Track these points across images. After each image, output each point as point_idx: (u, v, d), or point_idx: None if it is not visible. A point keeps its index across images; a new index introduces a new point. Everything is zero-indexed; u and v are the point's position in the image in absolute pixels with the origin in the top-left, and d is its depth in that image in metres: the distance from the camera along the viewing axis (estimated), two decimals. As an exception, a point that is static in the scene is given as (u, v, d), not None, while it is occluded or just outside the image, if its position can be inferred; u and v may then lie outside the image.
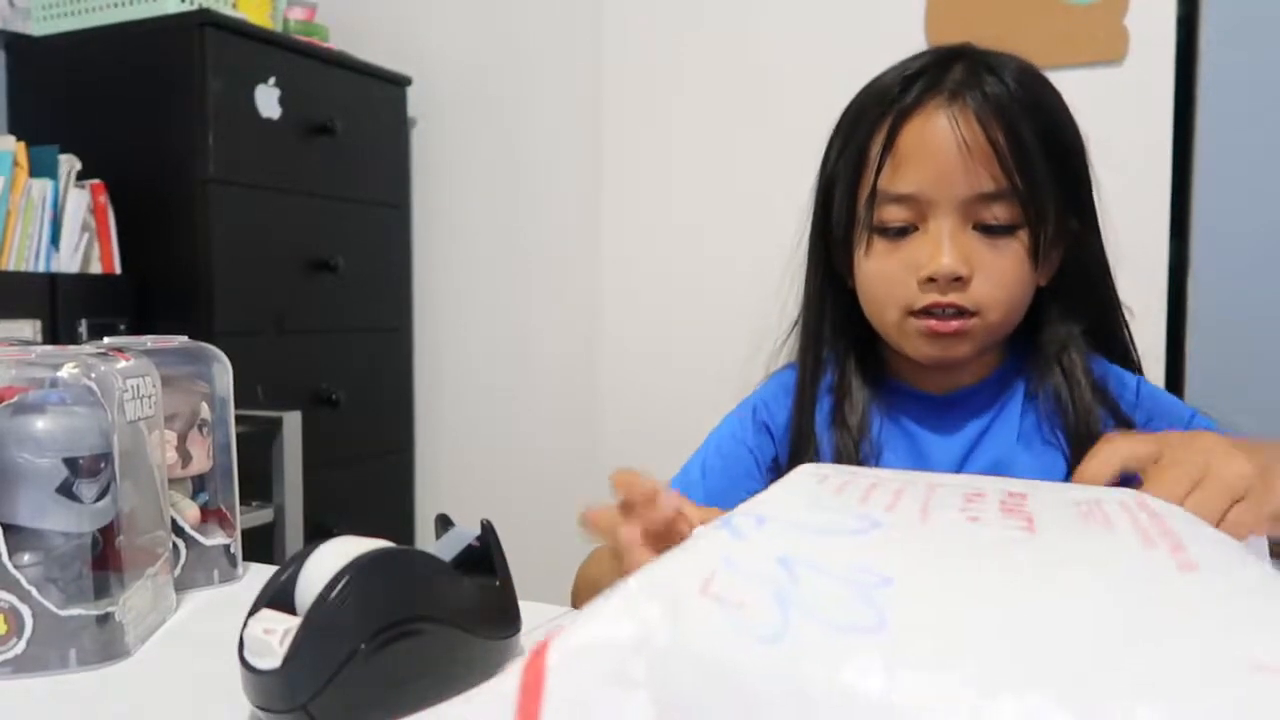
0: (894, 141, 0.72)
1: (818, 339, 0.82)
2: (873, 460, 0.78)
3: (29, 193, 1.60)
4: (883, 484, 0.37)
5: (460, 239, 2.16)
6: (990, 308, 0.72)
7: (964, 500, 0.35)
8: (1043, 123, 0.72)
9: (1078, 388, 0.76)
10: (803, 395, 0.81)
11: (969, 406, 0.79)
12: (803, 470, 0.40)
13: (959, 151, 0.70)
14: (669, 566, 0.28)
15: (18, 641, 0.51)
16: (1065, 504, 0.36)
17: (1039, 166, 0.71)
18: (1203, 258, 1.52)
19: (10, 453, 0.52)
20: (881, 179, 0.73)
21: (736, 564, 0.27)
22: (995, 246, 0.71)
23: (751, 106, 1.82)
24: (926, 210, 0.72)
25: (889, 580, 0.26)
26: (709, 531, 0.30)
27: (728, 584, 0.26)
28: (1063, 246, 0.76)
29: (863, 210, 0.75)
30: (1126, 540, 0.31)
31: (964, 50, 0.75)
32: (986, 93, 0.70)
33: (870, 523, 0.31)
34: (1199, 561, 0.28)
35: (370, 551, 0.46)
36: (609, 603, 0.26)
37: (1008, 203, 0.71)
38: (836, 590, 0.25)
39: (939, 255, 0.70)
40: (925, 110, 0.71)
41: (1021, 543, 0.30)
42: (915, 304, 0.72)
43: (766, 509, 0.32)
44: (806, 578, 0.26)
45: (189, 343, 0.70)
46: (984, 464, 0.78)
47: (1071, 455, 0.75)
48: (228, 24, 1.73)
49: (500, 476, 2.13)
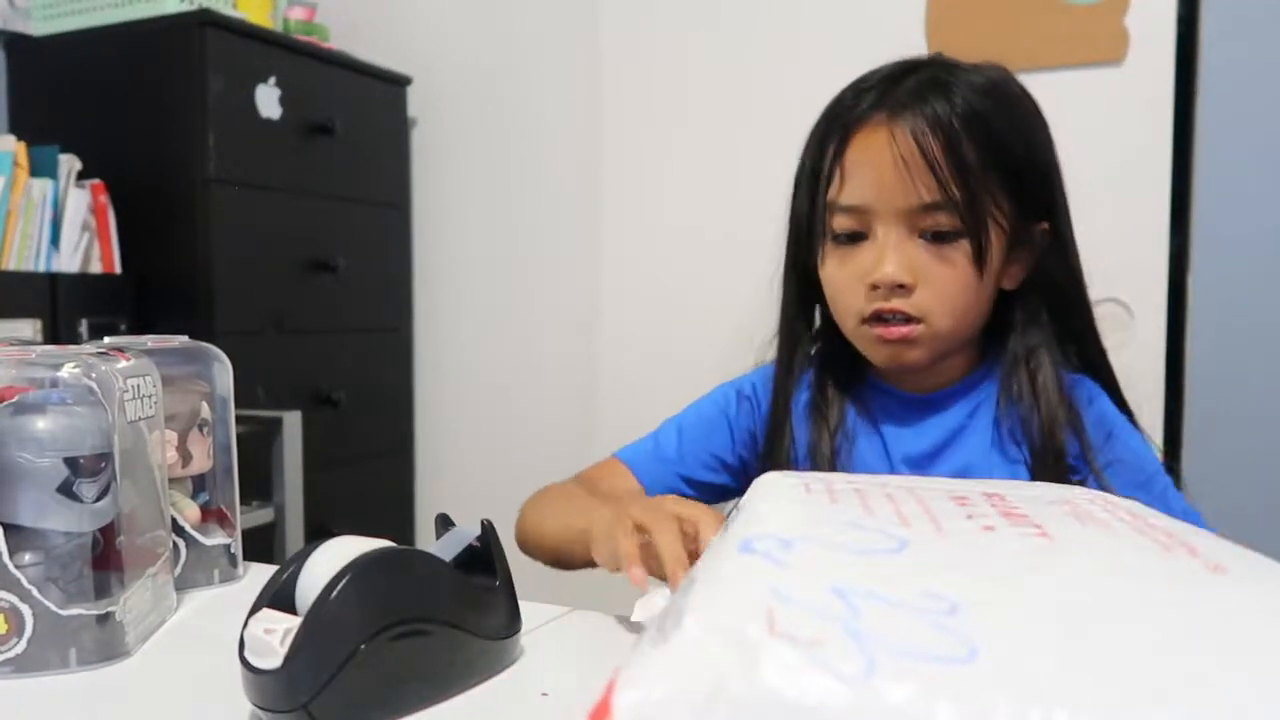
0: (842, 154, 0.75)
1: (795, 338, 0.85)
2: (845, 450, 0.80)
3: (29, 192, 1.60)
4: (866, 490, 0.37)
5: (460, 239, 2.15)
6: (935, 314, 0.74)
7: (956, 505, 0.35)
8: (987, 134, 0.73)
9: (1043, 394, 0.77)
10: (779, 390, 0.84)
11: (942, 408, 0.81)
12: (774, 481, 0.39)
13: (895, 165, 0.72)
14: (720, 603, 0.26)
15: (18, 641, 0.51)
16: (1045, 504, 0.36)
17: (979, 178, 0.73)
18: (1203, 257, 1.52)
19: (11, 452, 0.52)
20: (831, 190, 0.76)
21: (789, 597, 0.26)
22: (939, 254, 0.74)
23: (751, 107, 1.81)
24: (872, 220, 0.75)
25: (955, 607, 0.25)
26: (733, 557, 0.29)
27: (792, 620, 0.25)
28: (1031, 252, 0.77)
29: (819, 218, 0.78)
30: (1137, 541, 0.31)
31: (922, 62, 0.77)
32: (925, 111, 0.73)
33: (898, 540, 0.31)
34: (1223, 564, 0.29)
35: (370, 551, 0.46)
36: (670, 649, 0.24)
37: (947, 212, 0.73)
38: (907, 621, 0.25)
39: (883, 263, 0.74)
40: (870, 124, 0.74)
41: (1049, 552, 0.30)
42: (865, 310, 0.75)
43: (785, 528, 0.32)
44: (869, 609, 0.25)
45: (189, 342, 0.70)
46: (955, 465, 0.79)
47: (1034, 467, 0.76)
48: (228, 24, 1.73)
49: (500, 476, 2.12)
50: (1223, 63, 1.50)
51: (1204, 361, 1.52)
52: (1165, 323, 1.53)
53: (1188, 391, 1.53)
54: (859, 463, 0.80)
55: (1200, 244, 1.53)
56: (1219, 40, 1.50)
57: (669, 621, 0.26)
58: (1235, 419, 1.48)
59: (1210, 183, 1.52)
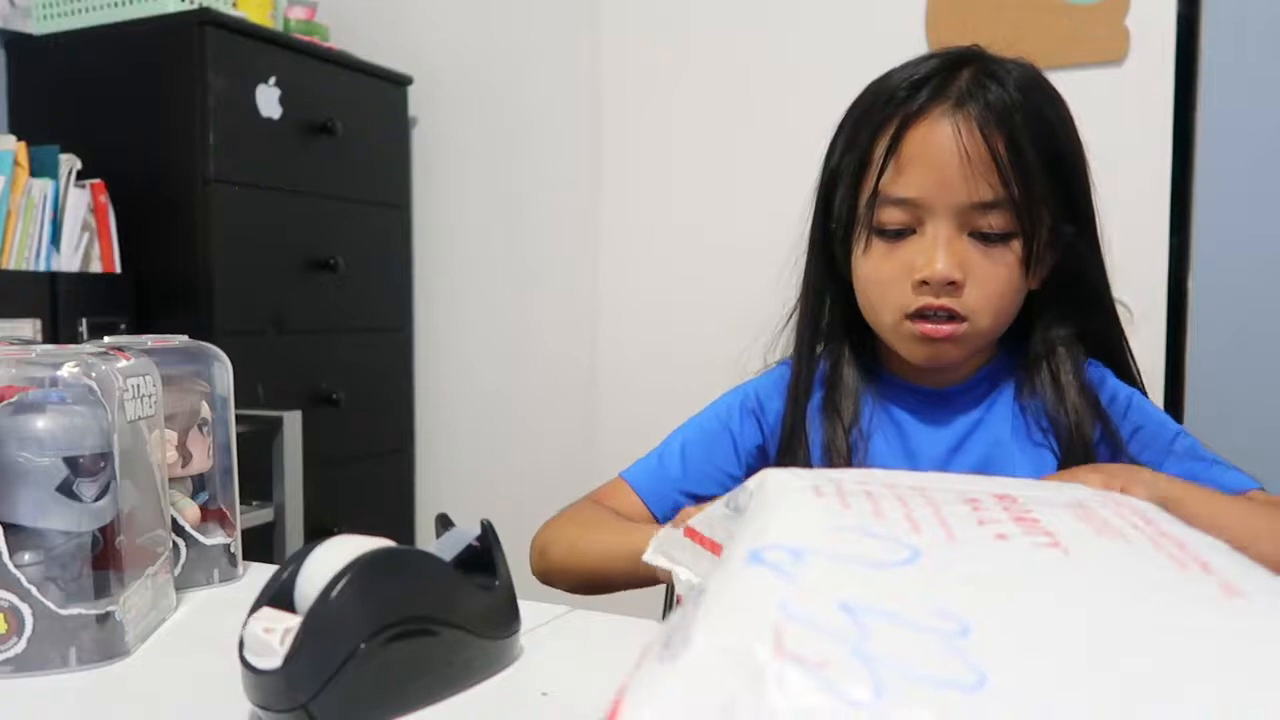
0: (898, 145, 0.73)
1: (814, 330, 0.83)
2: (861, 447, 0.79)
3: (29, 192, 1.60)
4: (877, 492, 0.37)
5: (460, 239, 2.16)
6: (981, 313, 0.73)
7: (970, 509, 0.35)
8: (1043, 132, 0.73)
9: (1066, 390, 0.77)
10: (797, 385, 0.82)
11: (959, 402, 0.80)
12: (783, 482, 0.38)
13: (960, 160, 0.71)
14: (727, 618, 0.26)
15: (18, 640, 0.51)
16: (1059, 508, 0.36)
17: (1037, 177, 0.72)
18: (1203, 258, 1.52)
19: (10, 452, 0.52)
20: (883, 182, 0.74)
21: (797, 614, 0.26)
22: (989, 254, 0.73)
23: (751, 106, 1.82)
24: (924, 215, 0.73)
25: (966, 629, 0.25)
26: (743, 569, 0.29)
27: (800, 639, 0.25)
28: (1057, 251, 0.77)
29: (863, 210, 0.76)
30: (1153, 557, 0.31)
31: (971, 55, 0.76)
32: (990, 101, 0.71)
33: (910, 550, 0.30)
34: (1236, 584, 0.28)
35: (370, 551, 0.46)
36: (680, 668, 0.24)
37: (1003, 211, 0.72)
38: (917, 642, 0.25)
39: (934, 260, 0.72)
40: (930, 116, 0.72)
41: (1062, 567, 0.30)
42: (909, 306, 0.74)
43: (796, 538, 0.31)
44: (878, 628, 0.25)
45: (189, 342, 0.70)
46: (974, 459, 0.79)
47: (1063, 457, 0.76)
48: (228, 23, 1.73)
49: (500, 476, 2.12)
50: (1223, 63, 1.50)
51: (1204, 362, 1.52)
52: (1166, 323, 1.53)
53: (1188, 391, 1.53)
54: (876, 459, 0.79)
55: (1200, 244, 1.53)
56: (1219, 40, 1.50)
57: (677, 637, 0.25)
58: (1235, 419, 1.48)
59: (1210, 182, 1.52)
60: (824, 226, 0.81)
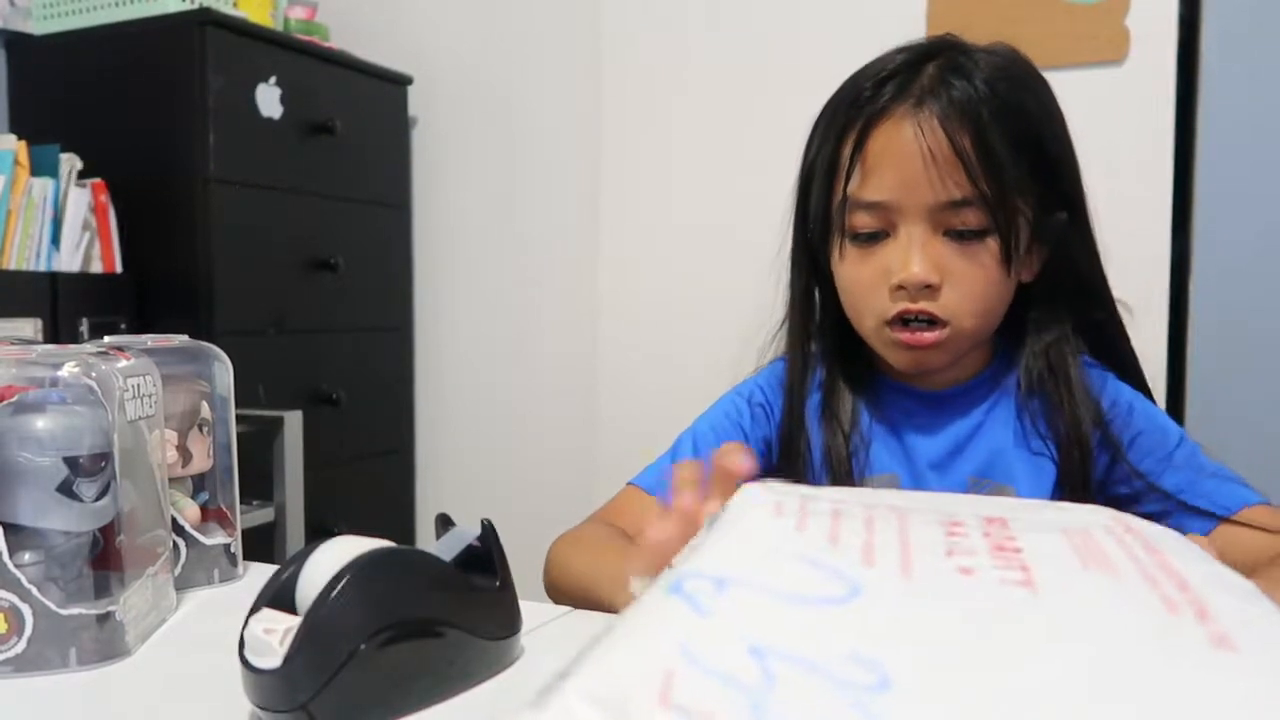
0: (863, 148, 0.71)
1: (804, 337, 0.82)
2: (861, 453, 0.78)
3: (30, 192, 1.60)
4: (847, 512, 0.33)
5: (460, 239, 2.16)
6: (962, 315, 0.71)
7: (945, 534, 0.32)
8: (1016, 123, 0.70)
9: (1067, 389, 0.75)
10: (792, 393, 0.81)
11: (959, 404, 0.79)
12: (754, 497, 0.36)
13: (925, 160, 0.69)
14: (613, 660, 0.24)
15: (18, 640, 0.51)
16: (1052, 531, 0.32)
17: (1008, 171, 0.70)
18: (1204, 257, 1.52)
19: (10, 452, 0.52)
20: (851, 186, 0.72)
21: (699, 657, 0.23)
22: (966, 253, 0.71)
23: (751, 106, 1.81)
24: (896, 217, 0.71)
25: (886, 683, 0.22)
26: (659, 601, 0.27)
27: (690, 689, 0.22)
28: (1048, 241, 0.75)
29: (835, 215, 0.74)
30: (1140, 596, 0.27)
31: (941, 47, 0.74)
32: (954, 98, 0.69)
33: (849, 586, 0.27)
34: (1232, 636, 0.25)
35: (370, 551, 0.46)
36: (539, 715, 0.21)
37: (976, 209, 0.70)
38: (824, 698, 0.22)
39: (909, 263, 0.70)
40: (893, 116, 0.71)
41: (1022, 610, 0.26)
42: (888, 312, 0.72)
43: (725, 566, 0.28)
44: (786, 677, 0.22)
45: (189, 342, 0.70)
46: (977, 463, 0.77)
47: (1060, 461, 0.75)
48: (228, 23, 1.73)
49: (500, 476, 2.12)
50: (1223, 63, 1.50)
51: (1205, 362, 1.52)
52: (1166, 323, 1.53)
53: (1188, 392, 1.53)
54: (878, 465, 0.78)
55: (1201, 244, 1.53)
56: (1219, 40, 1.50)
57: (556, 681, 0.23)
58: (1236, 419, 1.48)
59: (1211, 182, 1.52)
60: (804, 231, 0.80)
